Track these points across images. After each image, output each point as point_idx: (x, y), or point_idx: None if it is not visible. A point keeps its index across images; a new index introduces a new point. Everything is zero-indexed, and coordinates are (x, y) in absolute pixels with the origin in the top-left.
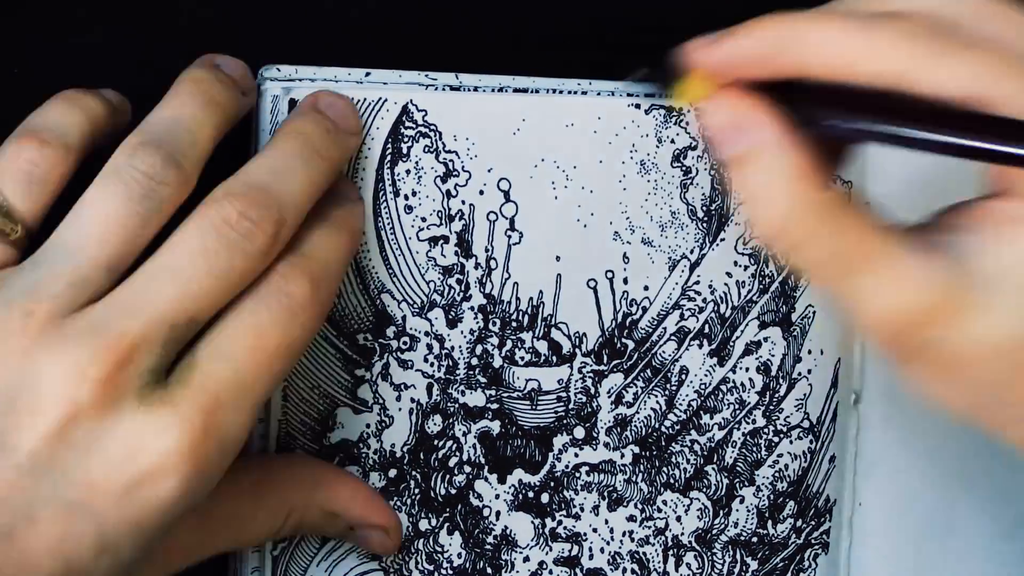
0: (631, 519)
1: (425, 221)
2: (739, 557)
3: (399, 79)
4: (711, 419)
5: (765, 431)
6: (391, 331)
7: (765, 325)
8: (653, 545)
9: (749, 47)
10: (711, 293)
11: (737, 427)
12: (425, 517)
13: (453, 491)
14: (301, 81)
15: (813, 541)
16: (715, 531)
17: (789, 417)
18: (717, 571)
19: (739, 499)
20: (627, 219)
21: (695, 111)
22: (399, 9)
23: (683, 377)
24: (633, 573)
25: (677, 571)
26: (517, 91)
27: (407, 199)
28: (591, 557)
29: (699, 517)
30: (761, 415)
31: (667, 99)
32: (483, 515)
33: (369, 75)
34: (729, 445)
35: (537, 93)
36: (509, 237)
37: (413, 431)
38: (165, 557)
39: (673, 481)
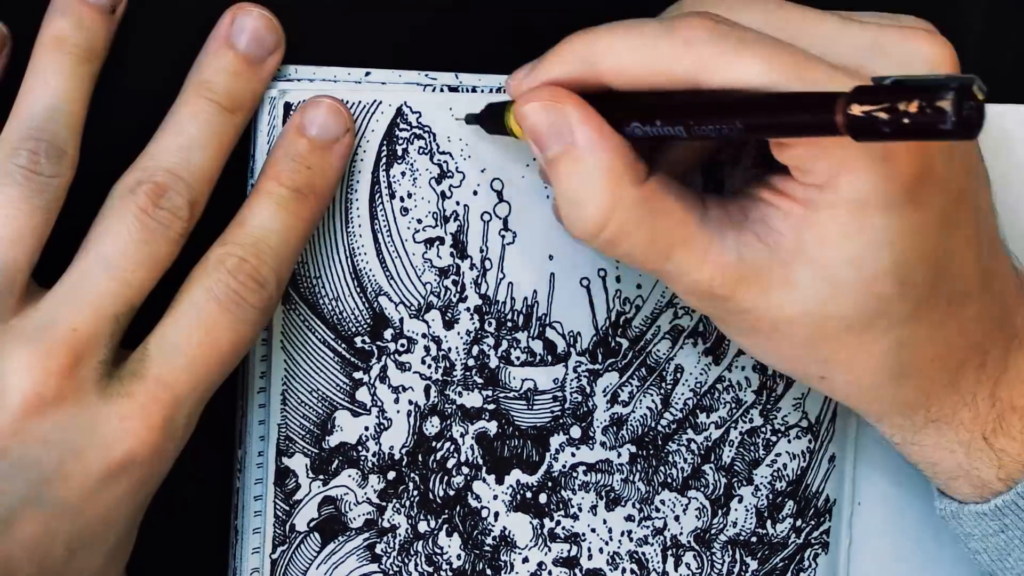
0: (629, 519)
1: (421, 223)
2: (739, 557)
3: (398, 79)
4: (707, 418)
5: (763, 430)
6: (389, 333)
7: None
8: (652, 545)
9: (558, 71)
10: None
11: (734, 426)
12: (424, 519)
13: (452, 493)
14: (300, 81)
15: (813, 541)
16: (714, 531)
17: (787, 416)
18: (717, 571)
19: (738, 499)
20: None
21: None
22: (399, 9)
23: (678, 376)
24: (632, 573)
25: (676, 571)
26: None
27: (403, 201)
28: (590, 557)
29: (697, 516)
30: (758, 414)
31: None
32: (482, 516)
33: (368, 75)
34: (726, 444)
35: None
36: (503, 237)
37: (411, 433)
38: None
39: (671, 480)
